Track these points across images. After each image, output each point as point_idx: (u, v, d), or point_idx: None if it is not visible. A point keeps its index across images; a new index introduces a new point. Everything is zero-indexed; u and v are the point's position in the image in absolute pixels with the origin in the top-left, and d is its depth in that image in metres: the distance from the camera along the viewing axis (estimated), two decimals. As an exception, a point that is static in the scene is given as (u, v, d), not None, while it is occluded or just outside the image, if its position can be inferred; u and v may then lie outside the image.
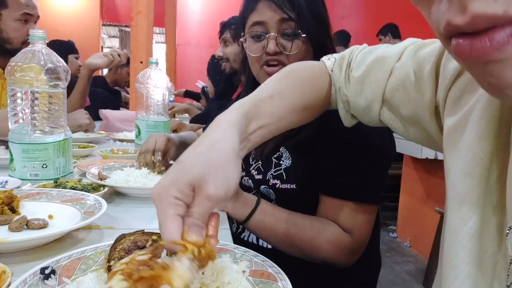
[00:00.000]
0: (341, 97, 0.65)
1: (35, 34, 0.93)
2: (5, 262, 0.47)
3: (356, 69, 0.63)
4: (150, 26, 2.24)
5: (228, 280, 0.47)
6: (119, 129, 1.99)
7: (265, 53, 0.92)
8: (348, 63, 0.65)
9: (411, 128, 0.58)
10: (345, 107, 0.66)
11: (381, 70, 0.59)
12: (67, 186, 0.85)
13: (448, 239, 0.42)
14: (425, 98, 0.52)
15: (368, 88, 0.61)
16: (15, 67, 0.91)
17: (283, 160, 0.92)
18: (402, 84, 0.56)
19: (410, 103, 0.55)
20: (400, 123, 0.59)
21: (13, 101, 0.93)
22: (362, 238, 0.84)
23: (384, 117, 0.61)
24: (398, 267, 2.80)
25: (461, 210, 0.40)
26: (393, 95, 0.58)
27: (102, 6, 5.84)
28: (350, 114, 0.67)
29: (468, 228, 0.39)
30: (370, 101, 0.61)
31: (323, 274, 0.93)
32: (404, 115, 0.57)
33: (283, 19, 0.89)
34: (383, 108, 0.60)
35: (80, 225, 0.62)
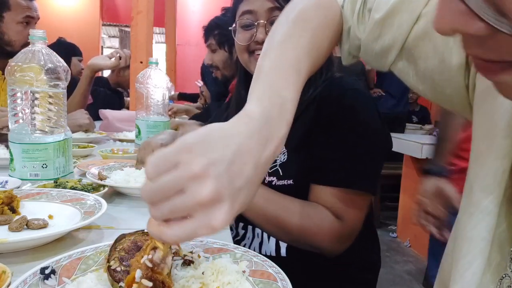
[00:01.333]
0: (351, 39, 0.58)
1: (35, 34, 0.93)
2: (5, 262, 0.47)
3: (377, 9, 0.54)
4: (150, 26, 2.25)
5: (228, 280, 0.47)
6: (119, 129, 1.99)
7: (253, 42, 0.92)
8: (364, 1, 0.57)
9: (422, 85, 0.52)
10: (351, 49, 0.59)
11: (407, 14, 0.51)
12: (67, 186, 0.85)
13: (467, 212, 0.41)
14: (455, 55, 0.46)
15: (388, 32, 0.53)
16: (15, 67, 0.91)
17: (278, 156, 0.91)
18: (428, 34, 0.49)
19: (435, 56, 0.49)
20: (414, 77, 0.53)
21: (13, 101, 0.93)
22: (353, 226, 0.83)
23: (397, 68, 0.55)
24: (398, 267, 2.80)
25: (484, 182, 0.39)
26: (416, 44, 0.51)
27: (102, 6, 5.85)
28: (353, 55, 0.61)
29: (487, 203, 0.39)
30: (387, 47, 0.54)
31: (324, 274, 0.93)
32: (422, 68, 0.51)
33: (273, 7, 0.89)
34: (400, 57, 0.53)
35: (80, 225, 0.62)
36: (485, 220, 0.39)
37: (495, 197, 0.38)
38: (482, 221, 0.39)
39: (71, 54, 3.00)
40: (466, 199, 0.42)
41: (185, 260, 0.52)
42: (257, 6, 0.91)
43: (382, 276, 2.53)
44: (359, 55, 0.60)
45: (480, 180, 0.40)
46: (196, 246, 0.58)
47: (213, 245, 0.58)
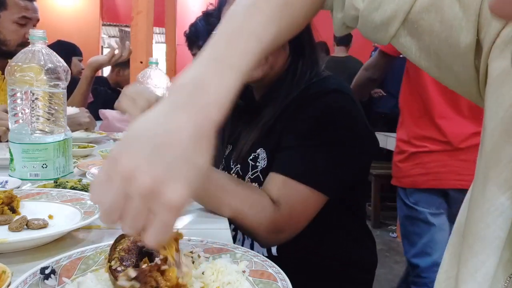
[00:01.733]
0: (346, 9, 0.53)
1: (35, 34, 0.93)
2: (5, 262, 0.47)
3: None
4: (150, 26, 2.24)
5: (228, 280, 0.47)
6: (119, 129, 1.99)
7: None
8: None
9: (427, 62, 0.49)
10: (347, 20, 0.54)
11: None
12: (67, 186, 0.85)
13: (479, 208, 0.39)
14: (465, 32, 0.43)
15: (389, 2, 0.48)
16: (15, 67, 0.91)
17: (259, 162, 0.91)
18: (435, 7, 0.45)
19: (442, 29, 0.45)
20: (416, 52, 0.49)
21: (13, 101, 0.93)
22: (291, 217, 0.79)
23: (398, 42, 0.50)
24: (398, 267, 2.80)
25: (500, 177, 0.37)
26: (421, 17, 0.47)
27: (102, 6, 5.84)
28: (346, 26, 0.56)
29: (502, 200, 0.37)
30: (387, 18, 0.49)
31: (317, 274, 0.93)
32: (427, 43, 0.47)
33: None
34: (402, 29, 0.49)
35: (80, 225, 0.62)
36: (501, 217, 0.37)
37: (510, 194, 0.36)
38: (497, 218, 0.37)
39: (71, 54, 3.01)
40: (478, 195, 0.39)
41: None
42: None
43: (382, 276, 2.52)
44: (355, 26, 0.55)
45: (495, 175, 0.37)
46: (196, 246, 0.58)
47: (213, 245, 0.58)
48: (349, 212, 0.97)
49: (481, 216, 0.38)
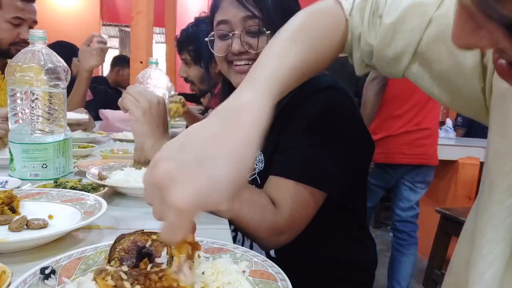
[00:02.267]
0: (362, 47, 0.58)
1: (35, 34, 0.93)
2: (5, 262, 0.47)
3: (388, 14, 0.54)
4: (150, 26, 2.24)
5: (228, 280, 0.47)
6: (119, 129, 1.99)
7: (230, 53, 0.90)
8: (373, 8, 0.57)
9: (439, 88, 0.52)
10: (364, 57, 0.59)
11: (418, 18, 0.51)
12: (67, 186, 0.85)
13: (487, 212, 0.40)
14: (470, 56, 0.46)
15: (400, 37, 0.53)
16: (15, 67, 0.91)
17: (256, 164, 0.90)
18: (441, 36, 0.49)
19: (450, 59, 0.49)
20: (428, 81, 0.53)
21: (13, 101, 0.93)
22: (292, 219, 0.78)
23: (411, 72, 0.54)
24: (398, 267, 2.79)
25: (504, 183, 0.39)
26: (429, 48, 0.51)
27: (102, 6, 5.84)
28: (366, 64, 0.61)
29: (509, 203, 0.38)
30: (399, 52, 0.53)
31: (323, 275, 0.93)
32: (437, 72, 0.51)
33: (246, 16, 0.87)
34: (413, 61, 0.53)
35: (80, 225, 0.62)
36: (506, 221, 0.38)
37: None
38: (504, 221, 0.38)
39: (71, 55, 3.02)
40: (486, 202, 0.41)
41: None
42: (231, 15, 0.88)
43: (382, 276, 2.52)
44: (372, 62, 0.59)
45: (502, 179, 0.39)
46: (196, 246, 0.58)
47: (213, 245, 0.58)
48: (349, 213, 0.97)
49: (489, 219, 0.39)
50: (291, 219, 0.78)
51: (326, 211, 0.84)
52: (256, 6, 0.86)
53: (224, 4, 0.89)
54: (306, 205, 0.80)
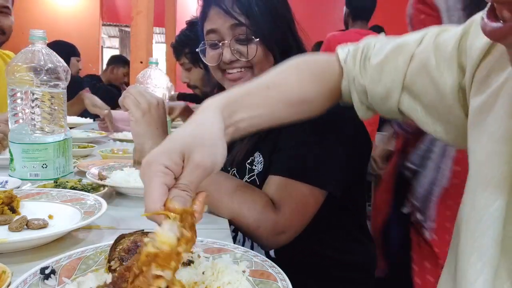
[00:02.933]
0: (356, 88, 0.63)
1: (35, 34, 0.93)
2: (5, 262, 0.47)
3: (374, 56, 0.60)
4: (150, 26, 2.24)
5: (228, 280, 0.47)
6: (119, 129, 1.99)
7: (222, 62, 0.90)
8: (364, 53, 0.63)
9: (432, 119, 0.55)
10: (361, 98, 0.64)
11: (401, 56, 0.57)
12: (67, 186, 0.85)
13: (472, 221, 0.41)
14: (448, 80, 0.50)
15: (387, 75, 0.58)
16: (15, 67, 0.91)
17: (255, 165, 0.90)
18: (423, 69, 0.54)
19: (433, 87, 0.53)
20: (421, 113, 0.56)
21: (13, 101, 0.93)
22: (292, 218, 0.78)
23: (404, 106, 0.58)
24: (398, 267, 2.79)
25: (486, 191, 0.40)
26: (414, 81, 0.55)
27: (102, 6, 5.84)
28: (366, 105, 0.64)
29: (493, 209, 0.39)
30: (389, 88, 0.58)
31: (323, 275, 0.93)
32: (426, 103, 0.55)
33: (234, 24, 0.86)
34: (403, 95, 0.57)
35: (80, 225, 0.62)
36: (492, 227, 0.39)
37: (499, 204, 0.39)
38: (489, 228, 0.39)
39: (70, 55, 3.03)
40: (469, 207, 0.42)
41: (185, 260, 0.51)
42: (219, 24, 0.88)
43: (382, 276, 2.50)
44: (368, 102, 0.64)
45: (483, 187, 0.40)
46: (196, 246, 0.57)
47: (213, 245, 0.58)
48: (349, 213, 0.97)
49: (474, 228, 0.41)
50: (291, 219, 0.78)
51: (326, 211, 0.84)
52: (242, 13, 0.85)
53: (212, 13, 0.89)
54: (306, 204, 0.80)
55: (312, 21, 1.91)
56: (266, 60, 0.89)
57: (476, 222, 0.41)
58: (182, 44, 1.92)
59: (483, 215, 0.40)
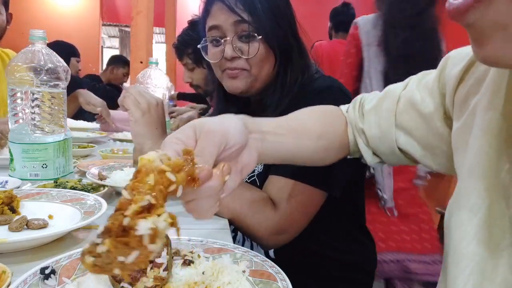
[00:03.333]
0: (358, 132, 0.68)
1: (35, 34, 0.93)
2: (5, 262, 0.47)
3: (368, 103, 0.68)
4: (150, 26, 2.24)
5: (228, 280, 0.47)
6: (119, 129, 1.99)
7: (223, 59, 0.90)
8: (361, 102, 0.70)
9: (428, 152, 0.59)
10: (364, 141, 0.68)
11: (389, 99, 0.64)
12: (67, 186, 0.85)
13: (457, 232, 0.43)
14: (432, 108, 0.55)
15: (380, 117, 0.64)
16: (15, 67, 0.91)
17: (256, 166, 0.90)
18: (410, 105, 0.60)
19: (421, 120, 0.58)
20: (417, 148, 0.60)
21: (13, 101, 0.93)
22: (293, 217, 0.78)
23: (401, 144, 0.62)
24: (398, 267, 2.79)
25: (469, 202, 0.42)
26: (404, 118, 0.61)
27: (102, 6, 5.84)
28: (371, 150, 0.68)
29: (477, 219, 0.41)
30: (384, 129, 0.63)
31: (323, 275, 0.93)
32: (419, 138, 0.59)
33: (237, 21, 0.86)
34: (398, 133, 0.62)
35: (80, 225, 0.62)
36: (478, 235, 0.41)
37: (483, 213, 0.41)
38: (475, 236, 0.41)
39: (70, 55, 3.04)
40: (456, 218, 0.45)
41: (185, 260, 0.51)
42: (222, 20, 0.88)
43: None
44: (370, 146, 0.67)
45: (466, 200, 0.43)
46: (196, 246, 0.58)
47: (213, 245, 0.58)
48: (348, 213, 0.97)
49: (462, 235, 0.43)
50: (292, 218, 0.78)
51: (326, 212, 0.84)
52: (245, 10, 0.86)
53: (214, 9, 0.89)
54: (306, 205, 0.80)
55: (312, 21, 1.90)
56: (267, 59, 0.89)
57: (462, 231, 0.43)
58: (184, 44, 1.91)
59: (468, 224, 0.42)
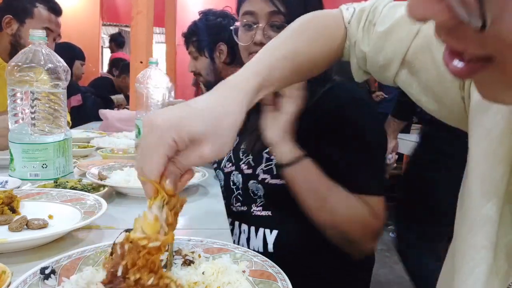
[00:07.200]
0: (356, 53, 0.63)
1: (35, 34, 0.93)
2: (5, 262, 0.47)
3: (381, 23, 0.58)
4: (150, 26, 2.24)
5: (228, 280, 0.47)
6: (119, 129, 1.99)
7: (252, 43, 0.94)
8: (369, 17, 0.61)
9: (425, 96, 0.55)
10: (359, 63, 0.63)
11: (407, 29, 0.55)
12: (67, 186, 0.85)
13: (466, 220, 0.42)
14: None
15: (389, 45, 0.57)
16: (15, 67, 0.91)
17: (274, 156, 0.91)
18: (427, 46, 0.53)
19: (434, 67, 0.52)
20: (415, 90, 0.56)
21: (13, 101, 0.93)
22: (382, 224, 0.87)
23: (400, 80, 0.58)
24: (398, 267, 2.79)
25: (481, 190, 0.40)
26: (416, 57, 0.55)
27: (102, 6, 5.84)
28: (363, 70, 0.65)
29: (485, 209, 0.40)
30: (389, 59, 0.57)
31: (323, 274, 0.93)
32: (424, 80, 0.54)
33: (272, 11, 0.90)
34: (402, 69, 0.57)
35: (80, 225, 0.62)
36: (485, 227, 0.39)
37: (493, 203, 0.39)
38: (482, 228, 0.39)
39: (74, 57, 3.05)
40: (465, 206, 0.43)
41: (185, 260, 0.52)
42: (258, 8, 0.92)
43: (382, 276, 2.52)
44: (366, 68, 0.63)
45: (477, 186, 0.41)
46: (196, 246, 0.58)
47: (213, 245, 0.58)
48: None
49: (469, 227, 0.41)
50: (383, 225, 0.88)
51: None
52: (281, 1, 0.90)
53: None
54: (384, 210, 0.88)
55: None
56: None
57: (469, 221, 0.41)
58: (191, 33, 1.93)
59: (476, 215, 0.40)
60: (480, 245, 0.39)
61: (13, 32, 1.66)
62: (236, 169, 1.00)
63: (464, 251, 0.41)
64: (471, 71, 0.28)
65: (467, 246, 0.41)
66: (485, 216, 0.39)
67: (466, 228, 0.42)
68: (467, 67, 0.28)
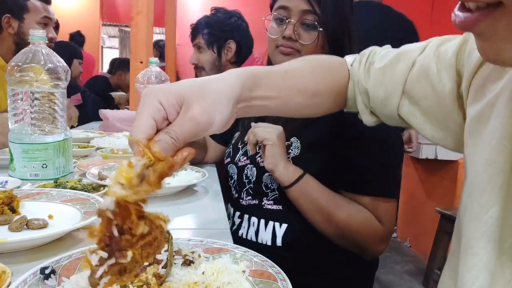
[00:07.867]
0: (360, 90, 0.65)
1: (35, 34, 0.93)
2: (5, 262, 0.47)
3: (379, 61, 0.63)
4: (150, 26, 2.24)
5: (228, 280, 0.47)
6: (119, 129, 1.99)
7: (281, 37, 0.96)
8: (369, 58, 0.66)
9: (429, 124, 0.57)
10: (364, 100, 0.65)
11: (403, 62, 0.59)
12: (67, 186, 0.85)
13: (468, 226, 0.42)
14: (447, 86, 0.52)
15: (388, 79, 0.60)
16: (15, 67, 0.91)
17: (291, 149, 0.94)
18: (424, 75, 0.56)
19: (432, 93, 0.54)
20: (420, 119, 0.58)
21: (13, 101, 0.93)
22: (391, 227, 0.90)
23: (403, 111, 0.59)
24: (398, 267, 2.80)
25: (482, 198, 0.41)
26: (414, 87, 0.57)
27: (102, 6, 5.84)
28: (369, 110, 0.66)
29: (488, 216, 0.40)
30: (389, 92, 0.60)
31: (323, 274, 0.93)
32: (425, 109, 0.56)
33: (306, 10, 0.93)
34: (403, 100, 0.59)
35: (80, 225, 0.62)
36: (488, 233, 0.40)
37: (494, 211, 0.39)
38: (485, 234, 0.40)
39: (73, 56, 3.05)
40: (467, 213, 0.43)
41: (185, 260, 0.52)
42: (293, 4, 0.94)
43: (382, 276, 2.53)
44: (370, 105, 0.65)
45: (478, 195, 0.41)
46: (196, 246, 0.58)
47: (213, 245, 0.58)
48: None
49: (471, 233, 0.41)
50: (392, 229, 0.91)
51: None
52: (318, 3, 0.92)
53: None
54: (394, 213, 0.91)
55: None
56: (318, 50, 0.96)
57: (473, 227, 0.41)
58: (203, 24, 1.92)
59: (480, 221, 0.40)
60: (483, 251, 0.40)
61: (15, 30, 1.67)
62: (251, 163, 1.01)
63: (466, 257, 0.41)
64: (479, 18, 0.30)
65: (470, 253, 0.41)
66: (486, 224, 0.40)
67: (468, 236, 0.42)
68: (476, 14, 0.30)
